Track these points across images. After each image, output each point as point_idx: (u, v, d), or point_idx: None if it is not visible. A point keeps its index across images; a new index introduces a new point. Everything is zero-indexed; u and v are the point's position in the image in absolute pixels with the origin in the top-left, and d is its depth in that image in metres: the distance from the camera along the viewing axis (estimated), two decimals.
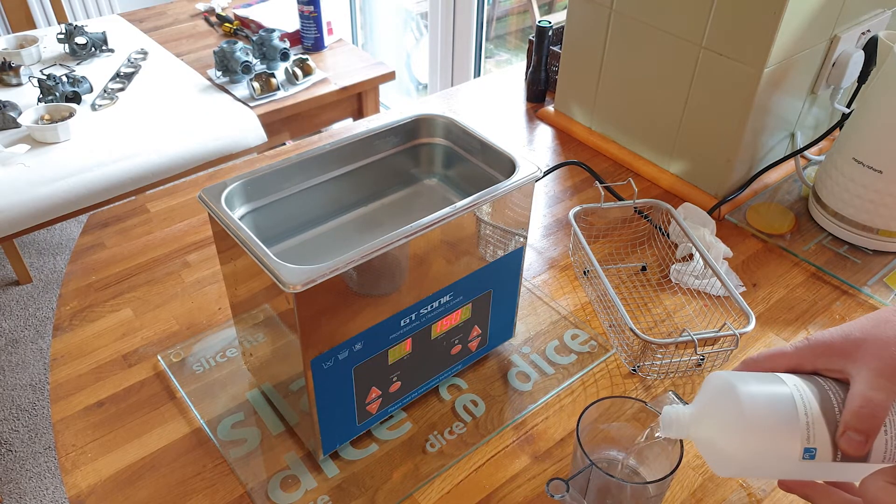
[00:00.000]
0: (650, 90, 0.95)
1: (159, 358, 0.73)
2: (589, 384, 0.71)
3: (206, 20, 1.93)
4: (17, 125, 1.43)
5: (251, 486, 0.61)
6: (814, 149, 0.98)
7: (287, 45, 1.68)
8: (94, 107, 1.51)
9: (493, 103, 1.19)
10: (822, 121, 1.02)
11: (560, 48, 1.08)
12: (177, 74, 1.66)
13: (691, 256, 0.84)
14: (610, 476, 0.52)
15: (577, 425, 0.53)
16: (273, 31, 1.67)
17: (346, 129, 1.19)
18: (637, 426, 0.57)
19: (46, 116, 1.44)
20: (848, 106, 0.98)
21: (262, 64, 1.67)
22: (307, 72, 1.65)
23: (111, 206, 0.95)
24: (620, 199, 0.93)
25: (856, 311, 0.80)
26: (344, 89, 1.66)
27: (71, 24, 1.70)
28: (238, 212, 0.59)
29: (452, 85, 2.17)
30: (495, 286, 0.65)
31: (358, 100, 1.74)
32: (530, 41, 1.17)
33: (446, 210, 0.55)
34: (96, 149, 1.40)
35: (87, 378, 0.71)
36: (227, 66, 1.61)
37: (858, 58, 0.91)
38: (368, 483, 0.61)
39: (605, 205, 0.84)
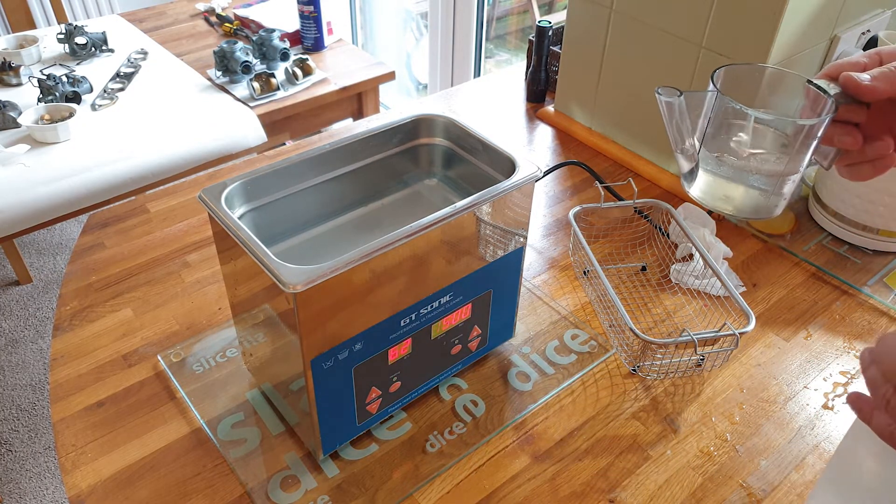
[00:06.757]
0: (650, 90, 0.95)
1: (159, 358, 0.73)
2: (589, 384, 0.71)
3: (206, 20, 1.93)
4: (17, 125, 1.43)
5: (251, 486, 0.61)
6: None
7: (287, 45, 1.68)
8: (94, 107, 1.51)
9: (493, 103, 1.19)
10: None
11: (560, 48, 1.08)
12: (177, 74, 1.66)
13: (691, 256, 0.84)
14: (736, 107, 0.44)
15: None
16: (273, 31, 1.67)
17: (346, 129, 1.19)
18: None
19: (46, 116, 1.43)
20: None
21: (262, 64, 1.67)
22: (307, 72, 1.65)
23: (111, 206, 0.95)
24: (620, 199, 0.93)
25: (856, 312, 0.80)
26: (344, 89, 1.66)
27: (71, 24, 1.70)
28: (238, 212, 0.59)
29: (452, 85, 2.17)
30: (495, 286, 0.65)
31: (358, 100, 1.74)
32: (530, 41, 1.17)
33: (446, 210, 0.55)
34: (96, 149, 1.40)
35: (87, 378, 0.71)
36: (227, 66, 1.61)
37: None
38: (368, 483, 0.61)
39: (605, 205, 0.84)
